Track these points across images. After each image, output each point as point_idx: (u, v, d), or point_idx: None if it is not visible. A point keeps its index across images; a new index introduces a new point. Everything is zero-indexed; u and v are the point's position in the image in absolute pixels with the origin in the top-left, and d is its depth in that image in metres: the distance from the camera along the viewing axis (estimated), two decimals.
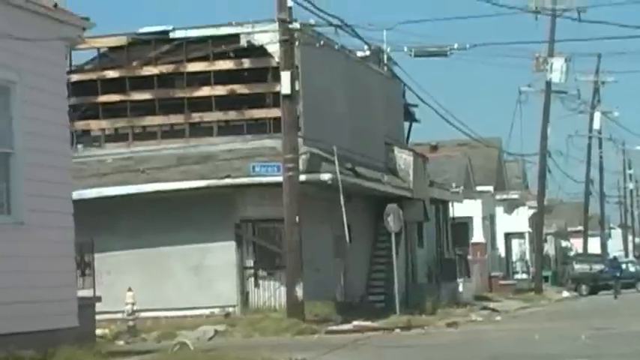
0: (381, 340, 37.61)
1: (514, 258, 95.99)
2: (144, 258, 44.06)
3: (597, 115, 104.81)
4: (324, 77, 46.97)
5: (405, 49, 43.62)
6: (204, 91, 45.29)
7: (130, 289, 41.21)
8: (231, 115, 45.42)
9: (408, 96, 60.70)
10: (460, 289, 65.90)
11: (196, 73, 45.33)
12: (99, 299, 32.33)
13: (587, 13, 64.97)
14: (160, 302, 42.90)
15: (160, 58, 45.24)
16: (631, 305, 62.71)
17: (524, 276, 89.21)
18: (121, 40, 45.67)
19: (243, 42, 44.36)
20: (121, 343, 39.26)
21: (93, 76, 45.94)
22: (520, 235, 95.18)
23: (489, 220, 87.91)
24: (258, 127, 44.34)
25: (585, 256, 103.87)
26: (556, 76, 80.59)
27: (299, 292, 41.12)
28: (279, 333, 39.76)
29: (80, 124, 45.76)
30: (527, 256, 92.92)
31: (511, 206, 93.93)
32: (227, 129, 45.67)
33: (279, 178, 41.41)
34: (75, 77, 45.61)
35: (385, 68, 57.06)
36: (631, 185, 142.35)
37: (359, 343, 35.54)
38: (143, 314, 41.85)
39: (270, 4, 41.47)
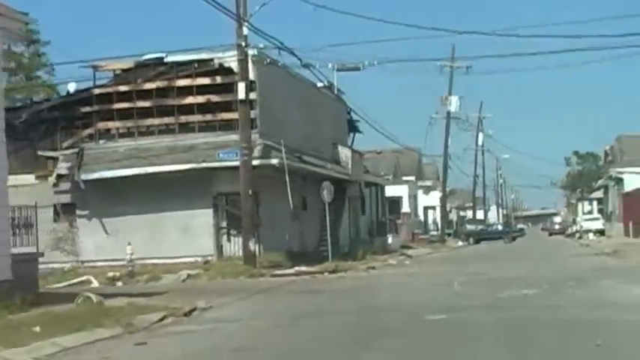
0: (305, 283, 26.49)
1: (429, 222, 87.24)
2: (147, 221, 33.85)
3: (481, 136, 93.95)
4: (278, 91, 36.36)
5: (329, 65, 32.64)
6: (189, 100, 34.80)
7: (129, 244, 31.65)
8: (208, 117, 34.76)
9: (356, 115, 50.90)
10: (390, 241, 54.65)
11: (183, 87, 34.86)
12: (41, 254, 22.36)
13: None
14: (159, 252, 33.08)
15: (158, 76, 35.04)
16: (508, 250, 53.80)
17: (435, 232, 78.61)
18: (130, 64, 35.46)
19: (216, 64, 34.05)
20: (120, 284, 30.12)
21: (110, 90, 35.48)
22: (433, 208, 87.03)
23: (413, 198, 79.15)
24: (226, 126, 33.84)
25: (473, 221, 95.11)
26: (453, 107, 71.85)
27: (252, 245, 31.15)
28: (236, 276, 29.81)
29: (101, 125, 35.35)
30: (438, 220, 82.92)
31: (427, 190, 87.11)
32: (205, 127, 34.99)
33: (255, 162, 32.13)
34: (97, 91, 35.70)
35: (336, 94, 46.21)
36: (501, 180, 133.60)
37: (280, 288, 24.65)
38: (147, 261, 32.44)
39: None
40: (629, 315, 14.17)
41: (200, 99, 34.15)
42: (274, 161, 32.41)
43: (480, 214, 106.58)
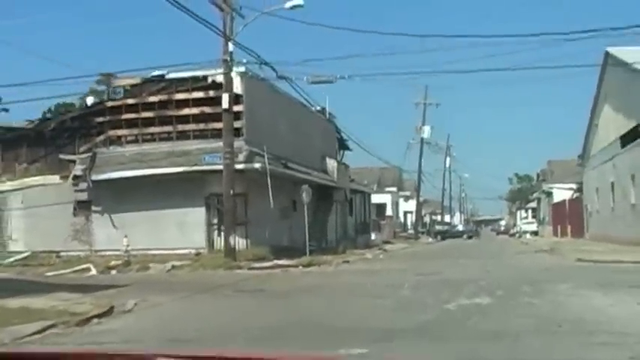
0: (266, 278, 18.87)
1: (408, 223, 77.98)
2: (149, 216, 26.50)
3: (448, 159, 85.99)
4: (265, 105, 28.97)
5: (305, 78, 25.03)
6: (185, 111, 27.46)
7: (125, 236, 24.91)
8: (201, 126, 27.31)
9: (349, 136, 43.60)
10: (373, 238, 47.55)
11: (181, 100, 27.51)
12: None
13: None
14: (159, 244, 25.87)
15: (160, 91, 27.82)
16: (465, 246, 45.25)
17: (412, 231, 69.40)
18: (137, 80, 28.15)
19: (209, 80, 26.62)
20: (114, 272, 23.09)
21: (120, 102, 28.15)
22: (411, 213, 76.56)
23: (395, 205, 72.28)
24: (217, 134, 25.84)
25: (441, 223, 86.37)
26: (426, 135, 63.67)
27: (232, 240, 23.80)
28: (215, 268, 22.49)
29: (112, 132, 28.22)
30: (414, 222, 73.16)
31: (407, 199, 77.84)
32: (199, 135, 27.40)
33: (239, 167, 24.90)
34: (110, 103, 28.27)
35: (328, 117, 38.96)
36: (464, 194, 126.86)
37: (235, 284, 16.90)
38: (149, 252, 25.55)
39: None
40: (614, 352, 6.91)
41: (195, 110, 26.92)
42: (257, 165, 25.16)
43: (447, 218, 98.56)
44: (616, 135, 34.84)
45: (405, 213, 78.48)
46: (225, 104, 22.75)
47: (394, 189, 71.23)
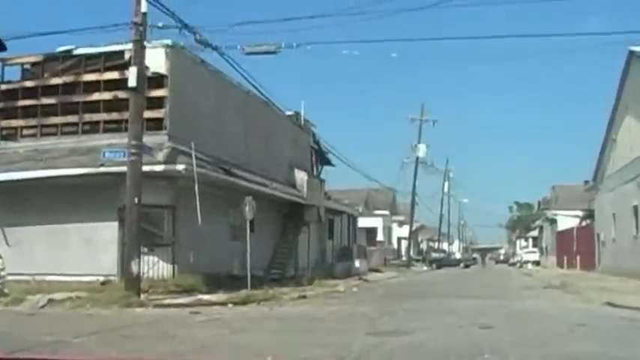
0: (140, 326, 11.88)
1: (402, 250, 69.40)
2: (50, 232, 19.70)
3: (446, 184, 79.70)
4: (204, 94, 22.02)
5: (238, 46, 17.69)
6: (95, 96, 20.73)
7: (0, 257, 17.50)
8: (114, 115, 20.48)
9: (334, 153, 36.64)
10: (357, 265, 39.89)
11: (90, 82, 20.82)
12: None
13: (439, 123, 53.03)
14: (61, 269, 18.98)
15: (65, 71, 21.06)
16: (461, 277, 37.91)
17: (405, 258, 62.05)
18: (39, 57, 21.40)
19: (126, 57, 19.39)
20: None
21: (16, 86, 21.54)
22: (405, 239, 67.90)
23: (387, 229, 64.21)
24: None
25: (437, 250, 78.99)
26: (421, 154, 57.89)
27: (134, 267, 16.46)
28: (109, 304, 15.37)
29: (5, 123, 21.63)
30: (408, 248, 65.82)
31: (401, 224, 69.91)
32: (113, 128, 20.53)
33: (158, 168, 18.08)
34: (4, 87, 21.71)
35: (303, 123, 32.13)
36: (462, 221, 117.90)
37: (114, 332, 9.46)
38: (48, 277, 18.65)
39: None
40: None
41: (107, 95, 20.14)
42: (180, 167, 18.22)
43: (445, 246, 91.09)
44: None
45: (399, 239, 71.20)
46: (132, 81, 15.97)
47: (386, 212, 63.99)
